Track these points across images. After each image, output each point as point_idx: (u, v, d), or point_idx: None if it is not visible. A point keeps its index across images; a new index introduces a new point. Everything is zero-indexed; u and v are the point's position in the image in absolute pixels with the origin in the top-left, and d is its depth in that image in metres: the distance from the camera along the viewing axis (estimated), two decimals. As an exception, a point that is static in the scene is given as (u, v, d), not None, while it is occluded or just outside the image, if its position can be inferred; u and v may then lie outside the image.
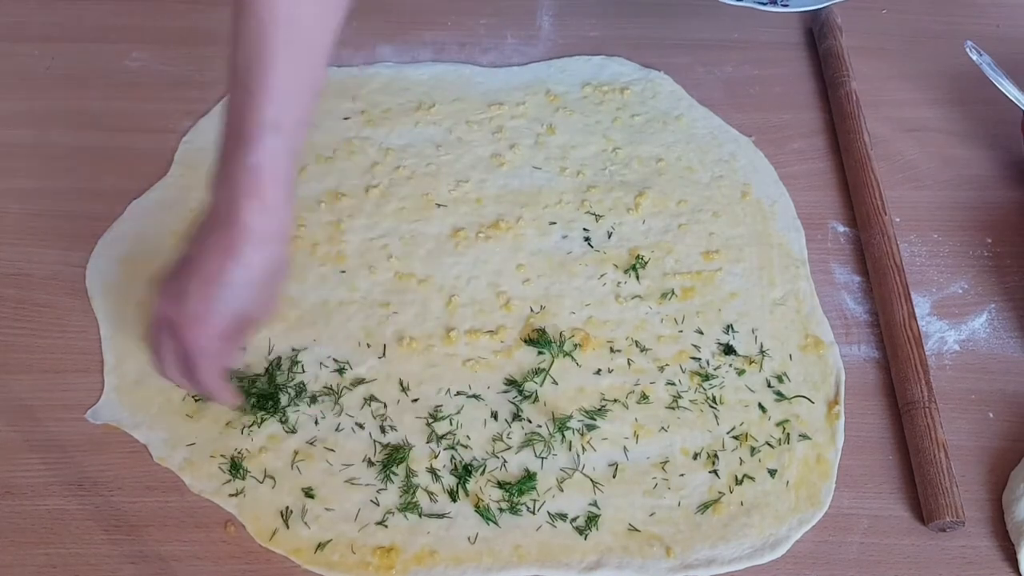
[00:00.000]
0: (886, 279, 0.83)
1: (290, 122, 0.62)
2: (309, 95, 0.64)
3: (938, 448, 0.72)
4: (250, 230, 0.61)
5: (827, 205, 0.91)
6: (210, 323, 0.64)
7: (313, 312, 0.80)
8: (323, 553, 0.68)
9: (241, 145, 0.61)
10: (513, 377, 0.77)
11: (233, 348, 0.68)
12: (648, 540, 0.70)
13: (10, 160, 0.90)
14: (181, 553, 0.68)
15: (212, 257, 0.62)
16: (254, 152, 0.61)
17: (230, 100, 0.62)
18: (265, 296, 0.66)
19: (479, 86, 0.98)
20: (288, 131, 0.62)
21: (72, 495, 0.70)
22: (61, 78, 0.97)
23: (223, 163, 0.63)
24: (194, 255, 0.64)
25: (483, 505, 0.71)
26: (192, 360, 0.65)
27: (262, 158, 0.61)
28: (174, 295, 0.64)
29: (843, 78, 0.98)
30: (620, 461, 0.73)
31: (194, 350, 0.65)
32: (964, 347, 0.81)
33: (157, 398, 0.75)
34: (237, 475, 0.71)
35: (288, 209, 0.64)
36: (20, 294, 0.81)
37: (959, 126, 0.98)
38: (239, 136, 0.61)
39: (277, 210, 0.63)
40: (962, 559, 0.70)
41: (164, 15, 1.03)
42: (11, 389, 0.75)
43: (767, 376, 0.78)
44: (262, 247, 0.62)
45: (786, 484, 0.73)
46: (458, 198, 0.88)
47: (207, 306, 0.63)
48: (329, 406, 0.75)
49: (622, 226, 0.87)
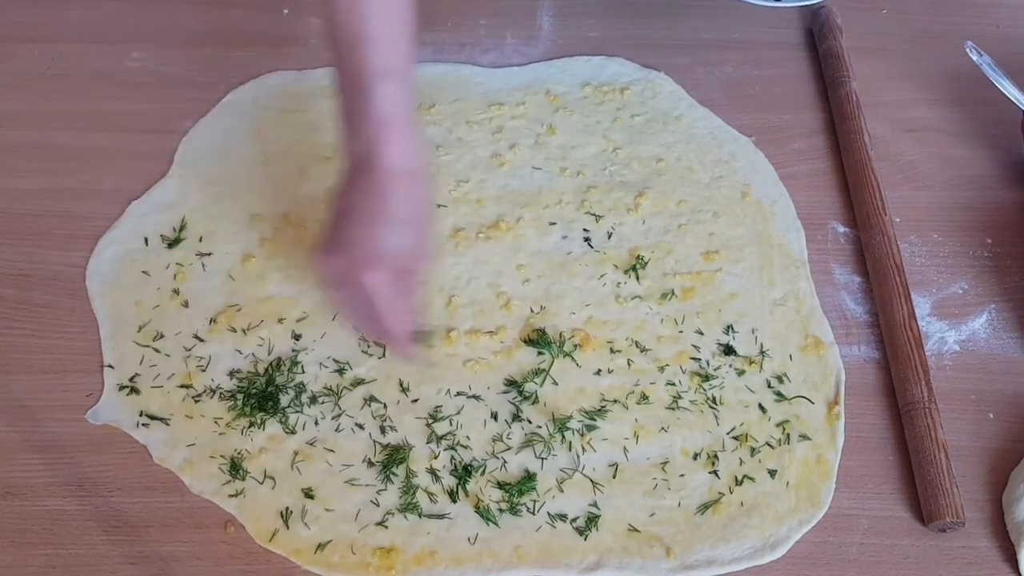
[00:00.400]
0: (886, 279, 0.83)
1: (399, 64, 0.66)
2: (407, 37, 0.67)
3: (938, 448, 0.72)
4: (391, 171, 0.65)
5: (827, 205, 0.91)
6: (378, 264, 0.66)
7: (313, 312, 0.80)
8: (323, 554, 0.68)
9: (361, 98, 0.65)
10: (513, 377, 0.77)
11: (408, 288, 0.70)
12: (648, 540, 0.70)
13: (10, 160, 0.90)
14: (181, 553, 0.68)
15: (363, 204, 0.66)
16: (375, 100, 0.64)
17: (337, 62, 0.66)
18: (420, 232, 0.69)
19: (479, 86, 0.98)
20: (399, 73, 0.65)
21: (72, 495, 0.70)
22: (61, 78, 0.97)
23: (349, 120, 0.67)
24: (345, 209, 0.67)
25: (483, 505, 0.71)
26: (374, 305, 0.68)
27: (384, 104, 0.64)
28: (338, 248, 0.67)
29: (843, 78, 0.98)
30: (620, 461, 0.73)
31: (372, 294, 0.67)
32: (964, 347, 0.81)
33: (157, 398, 0.75)
34: (237, 476, 0.71)
35: (421, 144, 0.68)
36: (20, 294, 0.81)
37: (959, 126, 0.98)
38: (357, 90, 0.65)
39: (411, 148, 0.67)
40: (962, 560, 0.70)
41: (164, 16, 1.03)
42: (11, 389, 0.75)
43: (767, 376, 0.78)
44: (406, 185, 0.66)
45: (786, 484, 0.73)
46: (458, 198, 0.88)
47: (371, 247, 0.66)
48: (329, 407, 0.75)
49: (622, 226, 0.87)
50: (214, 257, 0.83)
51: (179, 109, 0.94)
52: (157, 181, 0.89)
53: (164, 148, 0.91)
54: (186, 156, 0.91)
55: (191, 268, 0.82)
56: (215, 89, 0.96)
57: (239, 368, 0.77)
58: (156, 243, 0.84)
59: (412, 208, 0.67)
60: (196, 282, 0.82)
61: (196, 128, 0.93)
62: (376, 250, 0.66)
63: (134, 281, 0.82)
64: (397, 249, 0.67)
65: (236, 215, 0.86)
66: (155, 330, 0.79)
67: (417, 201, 0.68)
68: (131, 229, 0.85)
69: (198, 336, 0.78)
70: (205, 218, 0.86)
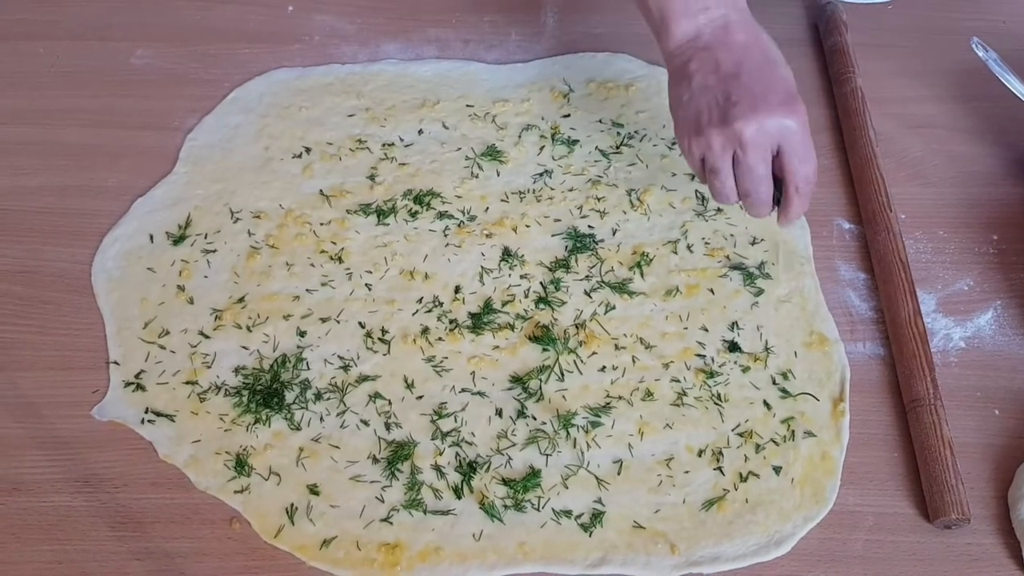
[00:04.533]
0: (891, 276, 0.82)
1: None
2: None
3: (943, 445, 0.72)
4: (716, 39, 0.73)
5: (832, 202, 0.91)
6: (758, 108, 0.70)
7: (318, 309, 0.80)
8: (328, 550, 0.69)
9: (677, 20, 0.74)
10: (518, 374, 0.77)
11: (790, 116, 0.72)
12: (653, 537, 0.70)
13: (15, 158, 0.90)
14: (186, 550, 0.68)
15: (714, 77, 0.72)
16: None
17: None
18: (779, 76, 0.73)
19: (483, 83, 0.98)
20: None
21: (78, 492, 0.71)
22: (66, 76, 0.97)
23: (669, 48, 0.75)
24: (697, 97, 0.72)
25: (488, 502, 0.71)
26: (751, 157, 0.71)
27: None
28: (716, 122, 0.71)
29: (848, 74, 0.98)
30: (625, 458, 0.73)
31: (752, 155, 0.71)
32: (970, 344, 0.81)
33: (163, 395, 0.75)
34: (242, 472, 0.72)
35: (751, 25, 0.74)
36: (26, 291, 0.81)
37: (965, 122, 0.97)
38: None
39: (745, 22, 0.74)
40: (967, 556, 0.70)
41: (168, 13, 1.03)
42: (17, 386, 0.76)
43: (772, 373, 0.78)
44: (740, 37, 0.73)
45: (791, 481, 0.73)
46: (462, 195, 0.88)
47: (747, 99, 0.70)
48: (334, 403, 0.75)
49: (627, 223, 0.87)
50: (219, 254, 0.83)
51: (184, 106, 0.95)
52: (162, 178, 0.89)
53: (169, 145, 0.91)
54: (191, 153, 0.91)
55: (196, 265, 0.83)
56: (220, 86, 0.96)
57: (244, 365, 0.77)
58: (161, 240, 0.84)
59: (756, 53, 0.72)
60: (201, 279, 0.82)
61: (201, 125, 0.93)
62: (750, 101, 0.70)
63: (139, 278, 0.82)
64: (761, 93, 0.70)
65: (241, 212, 0.86)
66: (160, 327, 0.79)
67: (753, 48, 0.72)
68: (136, 226, 0.85)
69: (203, 333, 0.79)
70: (210, 215, 0.86)
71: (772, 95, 0.71)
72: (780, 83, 0.72)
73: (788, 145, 0.72)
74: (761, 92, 0.71)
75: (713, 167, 0.74)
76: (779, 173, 0.74)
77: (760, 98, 0.70)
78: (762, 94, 0.71)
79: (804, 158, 0.72)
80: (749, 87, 0.71)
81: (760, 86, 0.71)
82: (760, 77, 0.72)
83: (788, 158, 0.72)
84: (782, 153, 0.72)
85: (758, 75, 0.72)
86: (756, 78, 0.71)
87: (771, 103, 0.70)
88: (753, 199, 0.75)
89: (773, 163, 0.73)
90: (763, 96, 0.71)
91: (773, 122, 0.70)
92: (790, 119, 0.71)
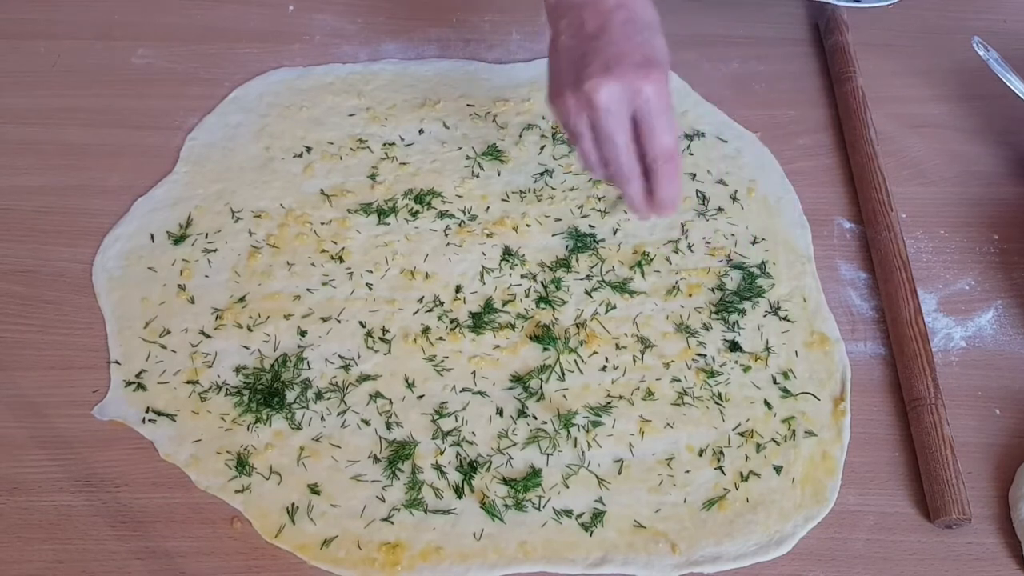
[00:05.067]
0: (892, 276, 0.82)
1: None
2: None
3: (944, 445, 0.72)
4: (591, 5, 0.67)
5: (833, 201, 0.91)
6: (611, 71, 0.65)
7: (318, 308, 0.80)
8: (329, 549, 0.69)
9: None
10: (518, 374, 0.77)
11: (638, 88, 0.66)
12: (653, 537, 0.70)
13: (17, 157, 0.90)
14: (187, 549, 0.68)
15: (576, 38, 0.67)
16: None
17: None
18: (642, 40, 0.67)
19: (484, 83, 0.98)
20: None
21: (79, 491, 0.71)
22: (67, 75, 0.97)
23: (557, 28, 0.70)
24: (561, 56, 0.68)
25: (488, 501, 0.71)
26: (604, 122, 0.66)
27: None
28: (570, 83, 0.67)
29: (849, 74, 0.98)
30: (625, 458, 0.73)
31: (603, 106, 0.66)
32: (971, 343, 0.81)
33: (164, 394, 0.75)
34: (243, 471, 0.72)
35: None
36: (27, 291, 0.81)
37: (966, 122, 0.97)
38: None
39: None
40: (968, 556, 0.70)
41: (169, 12, 1.03)
42: (18, 385, 0.76)
43: (773, 373, 0.78)
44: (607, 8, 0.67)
45: (792, 481, 0.73)
46: (463, 194, 0.88)
47: (600, 60, 0.65)
48: (335, 403, 0.75)
49: (627, 222, 0.87)
50: (220, 253, 0.84)
51: (184, 106, 0.94)
52: (163, 178, 0.89)
53: (169, 145, 0.91)
54: (192, 152, 0.91)
55: (197, 264, 0.83)
56: (220, 86, 0.96)
57: (245, 364, 0.77)
58: (162, 239, 0.84)
59: (625, 15, 0.67)
60: (202, 278, 0.82)
61: (201, 125, 0.93)
62: (601, 63, 0.65)
63: (140, 277, 0.82)
64: (616, 57, 0.65)
65: (242, 211, 0.86)
66: (161, 326, 0.79)
67: (623, 14, 0.67)
68: (137, 226, 0.85)
69: (204, 332, 0.79)
70: (211, 214, 0.86)
71: (628, 58, 0.65)
72: (640, 47, 0.66)
73: (640, 113, 0.66)
74: (616, 54, 0.65)
75: (573, 131, 0.69)
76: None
77: (614, 60, 0.65)
78: (616, 56, 0.65)
79: (659, 129, 0.66)
80: (605, 49, 0.66)
81: (616, 48, 0.66)
82: (619, 39, 0.66)
83: (640, 126, 0.67)
84: (636, 122, 0.67)
85: (618, 37, 0.66)
86: (614, 40, 0.66)
87: (623, 66, 0.65)
88: (615, 170, 0.69)
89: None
90: (617, 59, 0.65)
91: (625, 86, 0.65)
92: (645, 84, 0.65)
